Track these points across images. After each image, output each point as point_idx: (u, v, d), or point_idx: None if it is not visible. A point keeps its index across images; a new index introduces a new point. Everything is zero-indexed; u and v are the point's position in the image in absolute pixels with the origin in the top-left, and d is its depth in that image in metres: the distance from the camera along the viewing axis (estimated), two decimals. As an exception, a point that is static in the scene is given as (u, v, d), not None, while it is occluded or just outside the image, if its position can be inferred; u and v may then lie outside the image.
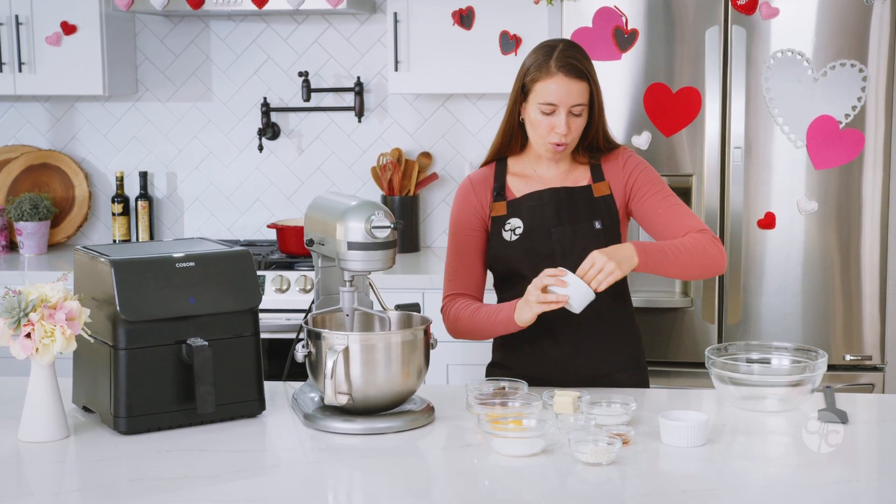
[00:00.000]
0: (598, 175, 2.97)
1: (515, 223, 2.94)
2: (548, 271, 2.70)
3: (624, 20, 3.89)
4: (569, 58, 2.84)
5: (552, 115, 2.85)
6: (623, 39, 3.90)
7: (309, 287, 4.27)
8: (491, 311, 2.87)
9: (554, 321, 2.89)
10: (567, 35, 3.91)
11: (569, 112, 2.84)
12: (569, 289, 2.67)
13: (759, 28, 3.84)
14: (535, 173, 2.99)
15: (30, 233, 4.76)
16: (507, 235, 2.94)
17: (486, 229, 2.98)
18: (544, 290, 2.69)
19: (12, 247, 4.91)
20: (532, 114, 2.88)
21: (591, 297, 2.68)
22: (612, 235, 2.94)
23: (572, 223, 2.93)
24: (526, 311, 2.74)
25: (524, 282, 2.84)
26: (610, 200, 2.96)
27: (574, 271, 2.70)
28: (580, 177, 2.98)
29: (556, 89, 2.83)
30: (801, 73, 3.83)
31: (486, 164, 3.04)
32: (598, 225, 2.93)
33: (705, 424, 2.43)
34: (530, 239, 2.93)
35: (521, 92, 2.90)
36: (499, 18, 4.44)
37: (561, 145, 2.87)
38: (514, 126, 2.96)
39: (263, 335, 4.27)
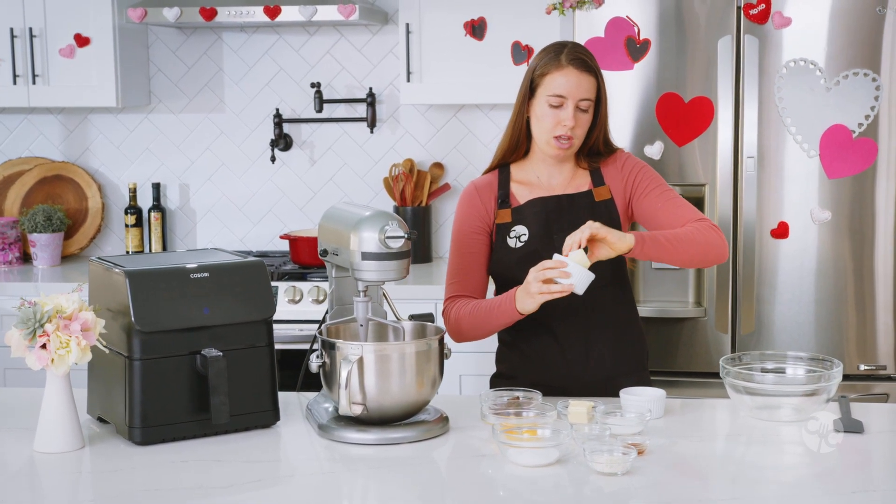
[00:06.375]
0: (598, 180, 3.00)
1: (521, 230, 2.97)
2: (546, 263, 2.70)
3: (636, 30, 3.89)
4: (579, 53, 2.92)
5: (560, 108, 2.89)
6: (635, 49, 3.90)
7: (322, 298, 4.28)
8: (491, 302, 2.89)
9: (559, 326, 2.92)
10: (579, 45, 3.91)
11: (576, 107, 2.89)
12: (572, 277, 2.67)
13: (771, 37, 3.84)
14: (538, 180, 3.02)
15: (43, 244, 4.78)
16: (512, 242, 2.97)
17: (490, 235, 3.00)
18: (546, 281, 2.70)
19: (26, 258, 4.92)
20: (539, 108, 2.92)
21: (591, 277, 2.69)
22: None
23: (574, 228, 2.93)
24: (528, 301, 2.75)
25: None
26: (611, 204, 2.99)
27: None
28: (582, 183, 3.02)
29: (565, 81, 2.88)
30: (813, 82, 3.83)
31: (489, 170, 3.08)
32: None
33: (662, 398, 2.71)
34: (534, 245, 2.95)
35: (529, 89, 2.95)
36: (511, 29, 4.44)
37: (567, 140, 2.91)
38: (522, 127, 2.98)
39: (276, 346, 4.30)
